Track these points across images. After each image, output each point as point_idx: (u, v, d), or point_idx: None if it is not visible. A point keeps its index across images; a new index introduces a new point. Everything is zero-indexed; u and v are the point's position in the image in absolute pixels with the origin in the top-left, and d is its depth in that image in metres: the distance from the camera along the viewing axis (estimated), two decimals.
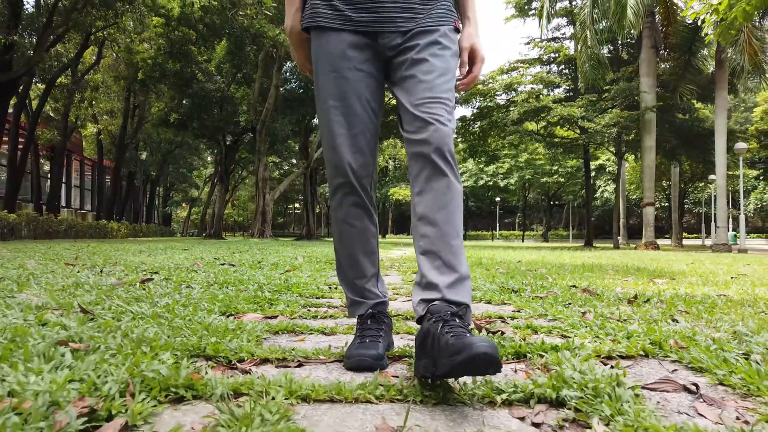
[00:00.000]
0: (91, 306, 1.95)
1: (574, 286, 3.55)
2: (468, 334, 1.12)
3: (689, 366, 1.40)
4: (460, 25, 1.51)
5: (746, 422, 0.98)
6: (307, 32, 1.50)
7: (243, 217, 61.68)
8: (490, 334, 1.71)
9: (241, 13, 14.24)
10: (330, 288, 3.10)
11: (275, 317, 2.07)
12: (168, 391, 1.10)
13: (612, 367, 1.31)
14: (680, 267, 6.33)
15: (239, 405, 1.02)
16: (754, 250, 25.80)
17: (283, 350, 1.47)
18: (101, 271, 3.40)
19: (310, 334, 1.80)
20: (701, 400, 1.14)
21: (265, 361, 1.42)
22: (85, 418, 0.91)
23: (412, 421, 1.01)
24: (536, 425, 1.00)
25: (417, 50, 1.41)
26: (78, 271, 3.57)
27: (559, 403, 1.08)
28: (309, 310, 2.25)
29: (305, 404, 1.09)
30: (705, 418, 1.03)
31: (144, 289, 2.53)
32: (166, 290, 2.50)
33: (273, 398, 1.06)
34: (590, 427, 0.96)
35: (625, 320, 2.06)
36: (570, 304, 2.65)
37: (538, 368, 1.33)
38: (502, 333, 1.73)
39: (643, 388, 1.20)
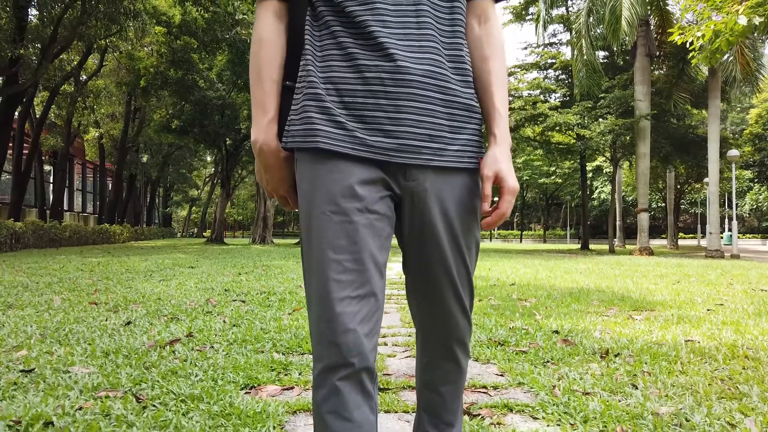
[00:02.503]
0: (138, 387, 2.31)
1: (556, 332, 3.91)
2: None
3: None
4: None
5: None
6: (289, 149, 1.14)
7: (243, 216, 62.03)
8: (472, 417, 2.06)
9: (243, 31, 14.56)
10: None
11: (292, 388, 2.43)
12: None
13: None
14: (664, 293, 6.69)
15: None
16: (747, 251, 26.23)
17: None
18: (128, 323, 3.75)
19: None
20: None
21: None
22: None
23: None
24: None
25: (448, 222, 1.14)
26: (106, 320, 3.93)
27: None
28: None
29: None
30: None
31: (174, 353, 2.89)
32: (193, 355, 2.85)
33: None
34: None
35: (588, 393, 2.42)
36: (548, 362, 3.01)
37: None
38: (482, 417, 2.09)
39: None
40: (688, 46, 9.54)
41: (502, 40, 1.22)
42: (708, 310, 5.33)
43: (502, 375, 2.76)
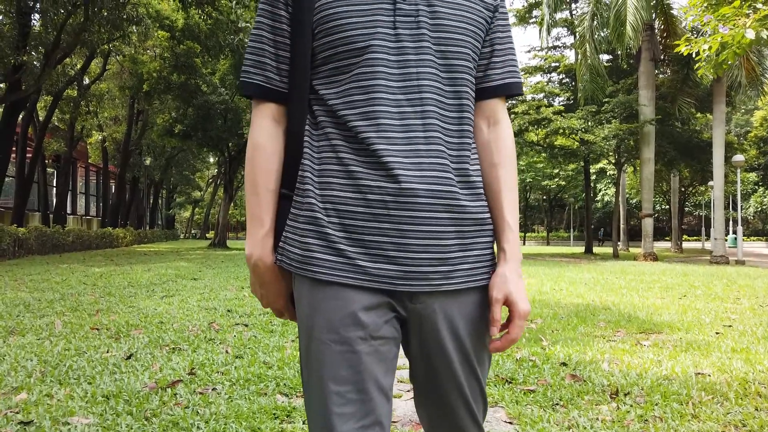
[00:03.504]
0: None
1: (564, 364, 3.85)
2: None
3: None
4: None
5: None
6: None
7: (245, 216, 61.99)
8: None
9: (246, 39, 14.51)
10: None
11: None
12: None
13: None
14: (670, 311, 6.62)
15: None
16: (752, 255, 26.08)
17: None
18: (129, 357, 3.71)
19: None
20: None
21: None
22: None
23: None
24: None
25: (458, 341, 1.07)
26: (107, 351, 3.88)
27: None
28: None
29: None
30: None
31: (176, 397, 2.84)
32: (195, 400, 2.80)
33: None
34: None
35: None
36: (557, 404, 2.95)
37: None
38: None
39: None
40: (694, 56, 9.47)
41: (512, 145, 1.15)
42: (716, 333, 5.26)
43: (510, 423, 2.70)
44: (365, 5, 1.01)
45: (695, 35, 16.28)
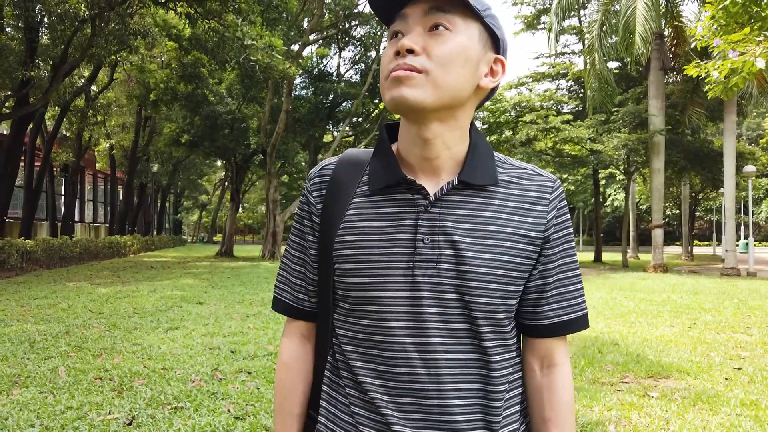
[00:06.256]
0: None
1: None
2: None
3: None
4: None
5: None
6: None
7: (253, 219, 62.20)
8: None
9: (252, 58, 14.48)
10: None
11: None
12: None
13: None
14: (679, 347, 6.53)
15: None
16: (764, 263, 25.78)
17: None
18: (131, 423, 3.68)
19: None
20: None
21: None
22: None
23: None
24: None
25: None
26: (109, 413, 3.86)
27: None
28: None
29: None
30: None
31: None
32: None
33: None
34: None
35: None
36: None
37: None
38: None
39: None
40: (703, 79, 9.38)
41: (570, 396, 0.99)
42: (726, 378, 5.18)
43: None
44: (383, 249, 0.93)
45: (704, 58, 16.07)
